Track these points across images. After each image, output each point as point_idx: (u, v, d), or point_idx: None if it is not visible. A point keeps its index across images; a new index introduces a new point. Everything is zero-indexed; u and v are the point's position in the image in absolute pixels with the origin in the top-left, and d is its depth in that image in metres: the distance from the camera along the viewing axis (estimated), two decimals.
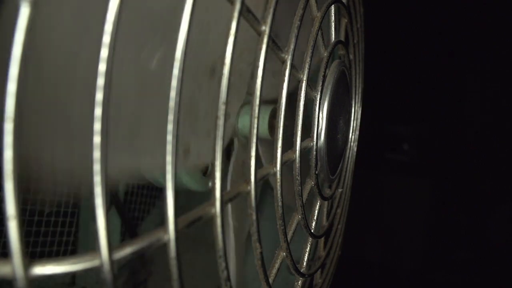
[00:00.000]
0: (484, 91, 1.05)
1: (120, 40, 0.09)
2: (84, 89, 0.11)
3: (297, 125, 0.18)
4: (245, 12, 0.13)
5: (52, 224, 0.38)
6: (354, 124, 0.29)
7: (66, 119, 0.13)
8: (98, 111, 0.09)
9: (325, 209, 0.26)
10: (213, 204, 0.12)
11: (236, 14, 0.12)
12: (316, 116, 0.20)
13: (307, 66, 0.18)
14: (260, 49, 0.14)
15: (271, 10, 0.14)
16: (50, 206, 0.37)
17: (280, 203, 0.16)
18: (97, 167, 0.09)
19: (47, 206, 0.36)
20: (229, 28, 0.12)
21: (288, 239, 0.18)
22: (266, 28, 0.14)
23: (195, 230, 0.11)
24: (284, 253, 0.17)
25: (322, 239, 0.27)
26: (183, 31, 0.10)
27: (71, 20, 0.12)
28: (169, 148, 0.10)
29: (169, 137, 0.10)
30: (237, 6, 0.12)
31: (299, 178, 0.18)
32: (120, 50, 0.09)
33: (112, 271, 0.09)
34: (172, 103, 0.10)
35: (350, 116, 0.27)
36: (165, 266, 0.11)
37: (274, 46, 0.15)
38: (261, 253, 0.15)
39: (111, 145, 0.09)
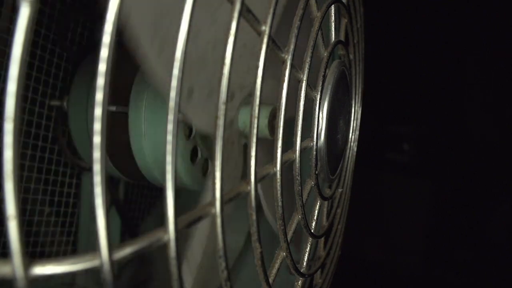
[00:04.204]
0: (485, 91, 1.05)
1: None
2: None
3: (297, 125, 0.18)
4: (245, 12, 0.13)
5: (52, 224, 0.38)
6: (354, 124, 0.29)
7: None
8: (98, 111, 0.09)
9: (325, 209, 0.26)
10: (213, 204, 0.12)
11: (236, 14, 0.12)
12: (316, 116, 0.20)
13: (307, 66, 0.18)
14: (260, 49, 0.14)
15: (271, 10, 0.14)
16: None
17: (280, 203, 0.16)
18: (97, 167, 0.09)
19: None
20: (229, 28, 0.12)
21: (288, 239, 0.18)
22: (266, 28, 0.14)
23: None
24: (284, 253, 0.17)
25: (322, 239, 0.27)
26: (183, 31, 0.10)
27: None
28: (169, 148, 0.10)
29: (169, 137, 0.10)
30: (237, 6, 0.12)
31: (299, 178, 0.18)
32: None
33: (112, 271, 0.09)
34: (172, 103, 0.10)
35: (350, 116, 0.27)
36: (165, 266, 0.11)
37: (274, 46, 0.15)
38: (261, 253, 0.15)
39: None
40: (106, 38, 0.09)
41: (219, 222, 0.12)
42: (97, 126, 0.09)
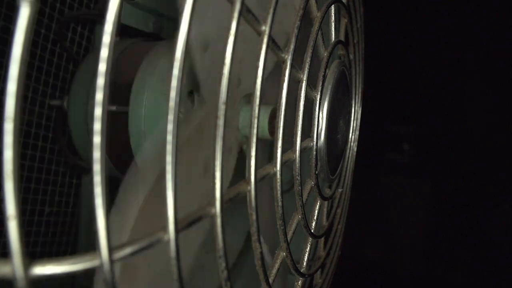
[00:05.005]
0: (485, 91, 1.05)
1: None
2: None
3: (297, 125, 0.18)
4: (245, 12, 0.13)
5: (52, 224, 0.38)
6: (354, 124, 0.29)
7: None
8: (98, 111, 0.09)
9: (325, 209, 0.26)
10: (213, 204, 0.12)
11: (236, 14, 0.12)
12: (316, 116, 0.20)
13: (307, 66, 0.18)
14: (260, 49, 0.14)
15: (271, 10, 0.14)
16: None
17: (280, 203, 0.16)
18: (97, 167, 0.09)
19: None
20: (229, 28, 0.12)
21: (288, 239, 0.18)
22: (266, 28, 0.14)
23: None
24: (284, 253, 0.17)
25: (322, 239, 0.27)
26: (183, 31, 0.10)
27: None
28: (169, 148, 0.10)
29: (169, 137, 0.10)
30: (237, 6, 0.12)
31: (299, 178, 0.18)
32: None
33: (112, 271, 0.09)
34: (172, 103, 0.10)
35: (350, 116, 0.27)
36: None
37: (274, 46, 0.15)
38: (261, 253, 0.15)
39: None
40: (106, 38, 0.09)
41: (219, 222, 0.12)
42: (97, 126, 0.09)
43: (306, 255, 0.22)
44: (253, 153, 0.14)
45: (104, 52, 0.09)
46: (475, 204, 1.02)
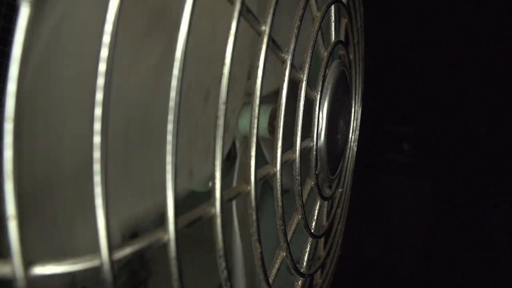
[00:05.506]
0: (484, 91, 1.05)
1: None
2: None
3: (297, 125, 0.18)
4: (245, 12, 0.13)
5: None
6: (354, 124, 0.29)
7: None
8: (98, 111, 0.09)
9: (325, 209, 0.26)
10: (213, 204, 0.12)
11: (236, 14, 0.12)
12: (316, 116, 0.20)
13: (307, 66, 0.18)
14: (260, 49, 0.14)
15: (271, 10, 0.14)
16: None
17: (280, 203, 0.16)
18: (97, 167, 0.09)
19: None
20: (229, 28, 0.12)
21: (288, 239, 0.18)
22: (266, 28, 0.14)
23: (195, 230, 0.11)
24: (284, 253, 0.17)
25: (322, 239, 0.27)
26: (183, 31, 0.10)
27: None
28: (169, 148, 0.10)
29: (169, 137, 0.10)
30: (237, 6, 0.12)
31: (299, 178, 0.18)
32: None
33: (112, 271, 0.09)
34: (172, 103, 0.10)
35: (350, 116, 0.27)
36: (165, 266, 0.11)
37: (274, 46, 0.15)
38: (261, 253, 0.15)
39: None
40: (106, 38, 0.09)
41: (219, 222, 0.12)
42: (97, 126, 0.09)
43: (306, 255, 0.22)
44: (253, 153, 0.14)
45: (104, 52, 0.09)
46: (475, 204, 1.02)
